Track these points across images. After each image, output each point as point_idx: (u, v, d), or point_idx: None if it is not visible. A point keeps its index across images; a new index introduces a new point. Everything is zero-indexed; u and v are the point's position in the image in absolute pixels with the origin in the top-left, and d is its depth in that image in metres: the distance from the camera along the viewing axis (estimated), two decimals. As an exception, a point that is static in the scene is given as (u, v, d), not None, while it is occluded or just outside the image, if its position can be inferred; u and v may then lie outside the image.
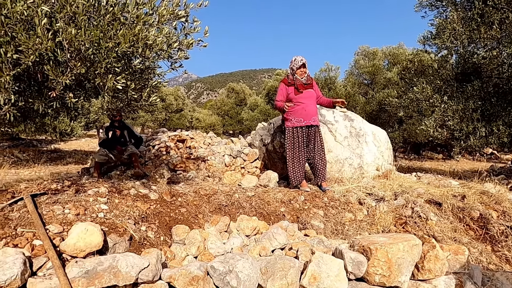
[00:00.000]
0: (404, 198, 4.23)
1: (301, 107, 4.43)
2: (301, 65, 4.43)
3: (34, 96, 2.64)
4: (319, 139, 4.52)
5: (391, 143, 13.90)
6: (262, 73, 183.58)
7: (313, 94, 4.53)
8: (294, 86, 4.44)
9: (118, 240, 2.68)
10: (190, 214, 3.56)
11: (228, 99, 30.94)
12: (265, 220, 3.71)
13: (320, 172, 4.51)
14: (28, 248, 2.35)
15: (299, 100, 4.42)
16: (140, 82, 2.93)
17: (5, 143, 15.52)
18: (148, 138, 6.58)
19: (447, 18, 6.28)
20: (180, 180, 4.73)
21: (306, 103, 4.43)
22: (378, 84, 14.55)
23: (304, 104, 4.43)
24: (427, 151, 18.03)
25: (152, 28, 2.61)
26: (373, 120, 13.92)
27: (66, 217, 2.77)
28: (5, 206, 2.94)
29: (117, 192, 3.46)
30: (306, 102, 4.44)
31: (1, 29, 2.09)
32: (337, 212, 3.95)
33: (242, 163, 5.67)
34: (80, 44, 2.21)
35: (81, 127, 12.06)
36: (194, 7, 3.14)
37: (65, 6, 2.24)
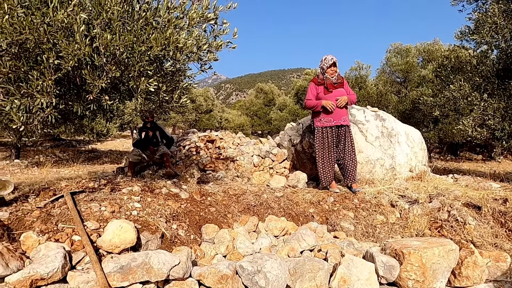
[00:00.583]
0: (439, 201, 4.05)
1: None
2: (332, 64, 4.36)
3: (73, 99, 2.79)
4: (349, 139, 4.43)
5: (426, 143, 13.33)
6: (291, 73, 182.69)
7: (344, 94, 4.45)
8: (324, 86, 4.39)
9: (151, 238, 2.77)
10: (219, 213, 3.61)
11: (256, 100, 31.04)
12: (293, 221, 3.69)
13: (350, 173, 4.42)
14: (68, 243, 2.49)
15: (328, 99, 4.37)
16: (171, 84, 3.01)
17: (48, 144, 16.50)
18: (179, 139, 6.74)
19: (487, 11, 5.94)
20: (209, 180, 4.81)
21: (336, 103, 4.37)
22: (412, 82, 14.03)
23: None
24: (465, 151, 17.17)
25: (182, 31, 2.68)
26: (406, 119, 13.44)
27: (103, 214, 2.90)
28: (47, 203, 3.13)
29: (150, 191, 3.57)
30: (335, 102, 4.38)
31: (44, 36, 2.22)
32: (368, 214, 3.86)
33: (270, 164, 5.67)
34: (115, 49, 2.31)
35: (116, 128, 12.58)
36: (223, 9, 3.19)
37: (101, 13, 2.34)
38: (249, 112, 30.64)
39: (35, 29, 2.21)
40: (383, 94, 13.92)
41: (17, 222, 2.83)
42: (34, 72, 2.26)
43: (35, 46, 2.30)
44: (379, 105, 13.99)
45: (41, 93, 2.25)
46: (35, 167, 10.40)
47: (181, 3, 2.78)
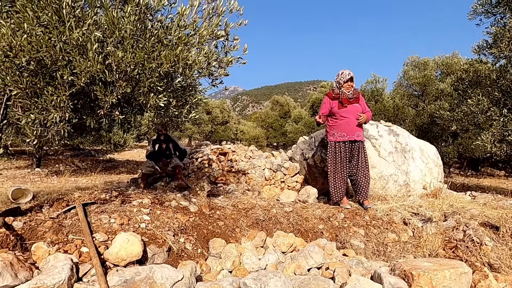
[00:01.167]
0: (455, 220, 3.92)
1: (344, 121, 4.32)
2: (349, 79, 4.33)
3: (87, 113, 2.88)
4: (363, 155, 4.36)
5: (445, 158, 12.91)
6: (307, 85, 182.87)
7: (359, 109, 4.39)
8: (339, 100, 4.36)
9: (157, 251, 2.79)
10: (227, 227, 3.61)
11: (272, 112, 31.14)
12: (302, 237, 3.65)
13: (362, 189, 4.35)
14: (76, 255, 2.54)
15: (342, 114, 4.33)
16: (182, 99, 3.07)
17: (68, 153, 16.99)
18: (192, 151, 6.82)
19: (505, 25, 5.83)
20: (220, 193, 4.82)
21: (350, 118, 4.32)
22: (430, 96, 13.79)
23: (348, 118, 4.31)
24: (487, 167, 16.62)
25: (193, 48, 2.75)
26: (424, 133, 13.16)
27: (111, 226, 2.94)
28: (60, 213, 3.21)
29: (159, 203, 3.62)
30: (350, 117, 4.32)
31: (60, 54, 2.32)
32: (379, 232, 3.77)
33: (282, 177, 5.64)
34: (126, 66, 2.39)
35: (133, 139, 12.84)
36: (234, 26, 3.25)
37: (114, 32, 2.43)
38: (264, 124, 30.73)
39: (51, 47, 2.32)
40: (400, 107, 13.72)
41: (30, 232, 2.91)
42: (50, 87, 2.36)
43: (51, 63, 2.40)
44: (395, 118, 13.79)
45: (55, 108, 2.34)
46: (55, 176, 10.69)
47: (192, 21, 2.86)
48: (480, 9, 6.27)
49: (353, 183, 4.47)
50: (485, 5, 6.21)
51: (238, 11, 3.19)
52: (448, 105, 8.61)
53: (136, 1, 2.54)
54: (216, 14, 3.08)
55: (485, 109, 6.22)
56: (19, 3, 2.37)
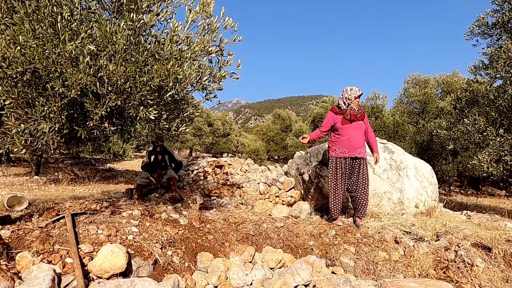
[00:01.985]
0: (447, 240, 3.89)
1: (346, 137, 4.30)
2: (359, 95, 4.36)
3: (79, 123, 2.92)
4: (364, 172, 4.33)
5: (445, 177, 12.80)
6: (310, 100, 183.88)
7: (362, 126, 4.38)
8: (343, 116, 4.34)
9: (142, 264, 2.78)
10: (217, 241, 3.59)
11: (274, 125, 31.24)
12: (292, 253, 3.62)
13: (361, 206, 4.31)
14: (60, 265, 2.53)
15: (345, 130, 4.31)
16: (174, 113, 3.11)
17: (68, 161, 17.03)
18: (188, 163, 6.83)
19: (501, 47, 5.89)
20: (213, 206, 4.81)
21: (352, 135, 4.29)
22: (430, 113, 13.83)
23: (350, 135, 4.29)
24: (487, 186, 16.49)
25: (185, 63, 2.80)
26: (424, 151, 13.13)
27: (98, 237, 2.94)
28: (49, 223, 3.21)
29: (149, 215, 3.61)
30: (352, 134, 4.30)
31: (52, 66, 2.37)
32: (369, 250, 3.73)
33: (277, 192, 5.64)
34: (117, 79, 2.43)
35: (133, 149, 12.89)
36: (228, 42, 3.32)
37: (107, 45, 2.49)
38: (265, 137, 30.79)
39: (45, 59, 2.37)
40: (400, 124, 13.74)
41: (17, 241, 2.91)
42: (41, 98, 2.40)
43: (45, 74, 2.45)
44: (395, 135, 13.79)
45: (45, 118, 2.37)
46: (53, 184, 10.70)
47: (185, 37, 2.92)
48: (477, 30, 6.36)
49: (352, 200, 4.44)
50: (482, 27, 6.29)
51: (232, 27, 3.26)
52: (446, 123, 8.62)
53: (131, 16, 2.60)
54: (211, 30, 3.15)
55: (482, 129, 6.23)
56: (17, 16, 2.44)
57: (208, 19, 3.10)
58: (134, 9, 2.71)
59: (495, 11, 6.08)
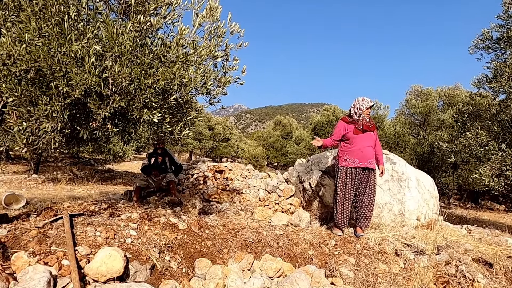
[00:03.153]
0: (448, 254, 3.85)
1: (358, 148, 4.26)
2: (371, 105, 4.35)
3: (81, 123, 2.89)
4: (372, 183, 4.29)
5: (444, 189, 12.75)
6: (311, 107, 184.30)
7: (372, 137, 4.35)
8: (355, 126, 4.32)
9: (140, 268, 2.73)
10: (215, 247, 3.55)
11: (274, 131, 31.25)
12: (291, 262, 3.58)
13: (365, 217, 4.26)
14: (56, 267, 2.48)
15: (357, 140, 4.27)
16: (177, 116, 3.09)
17: (67, 161, 16.99)
18: (188, 167, 6.80)
19: (505, 61, 5.90)
20: (212, 211, 4.77)
21: (364, 145, 4.26)
22: (431, 125, 13.83)
23: (361, 145, 4.25)
24: (487, 200, 16.44)
25: (190, 67, 2.78)
26: (424, 163, 13.11)
27: (96, 240, 2.90)
28: (46, 223, 3.17)
29: (148, 219, 3.57)
30: (364, 144, 4.26)
31: (57, 65, 2.36)
32: (369, 261, 3.69)
33: (276, 199, 5.59)
34: (122, 80, 2.41)
35: (133, 150, 12.86)
36: (234, 47, 3.31)
37: (113, 46, 2.47)
38: (266, 143, 30.78)
39: (50, 58, 2.35)
40: (401, 135, 13.74)
41: (14, 241, 2.87)
42: (44, 97, 2.38)
43: (49, 73, 2.43)
44: (396, 146, 13.78)
45: (47, 117, 2.35)
46: (51, 183, 10.65)
47: (192, 40, 2.91)
48: (481, 44, 6.37)
49: (357, 210, 4.39)
50: (486, 41, 6.31)
51: (239, 32, 3.25)
52: (447, 136, 8.61)
53: (138, 18, 2.59)
54: (217, 34, 3.14)
55: (484, 143, 6.21)
56: (24, 14, 2.43)
57: (215, 23, 3.09)
58: (142, 11, 2.71)
59: (499, 26, 6.10)
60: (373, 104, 4.35)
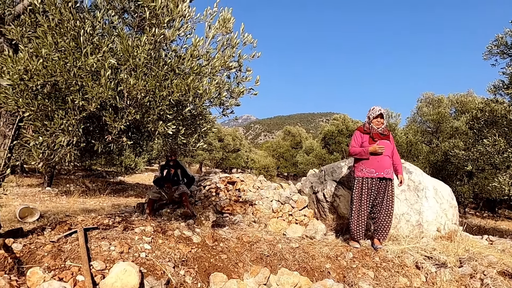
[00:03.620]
0: (471, 266, 3.70)
1: (374, 157, 4.20)
2: (378, 115, 4.27)
3: (96, 137, 2.89)
4: (390, 193, 4.19)
5: (460, 198, 12.46)
6: (320, 117, 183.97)
7: (389, 146, 4.28)
8: (370, 135, 4.28)
9: (155, 284, 2.68)
10: (230, 261, 3.47)
11: (284, 142, 31.17)
12: (308, 276, 3.47)
13: (383, 228, 4.15)
14: (72, 283, 2.45)
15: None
16: (191, 127, 3.07)
17: (80, 173, 17.17)
18: (200, 179, 6.77)
19: (522, 66, 5.78)
20: (225, 223, 4.71)
21: (380, 154, 4.21)
22: (444, 133, 13.59)
23: (377, 155, 4.20)
24: (504, 208, 15.99)
25: (204, 78, 2.77)
26: (438, 171, 12.83)
27: (111, 254, 2.86)
28: (61, 237, 3.15)
29: (162, 232, 3.53)
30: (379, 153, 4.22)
31: (73, 79, 2.36)
32: (389, 275, 3.56)
33: (290, 210, 5.50)
34: (137, 93, 2.41)
35: (144, 162, 12.93)
36: (247, 58, 3.30)
37: (128, 59, 2.48)
38: (275, 153, 30.69)
39: (66, 72, 2.36)
40: (413, 143, 13.53)
41: (29, 255, 2.85)
42: (60, 111, 2.39)
43: (65, 87, 2.44)
44: (408, 154, 13.56)
45: (63, 131, 2.35)
46: (64, 195, 10.74)
47: (206, 52, 2.90)
48: (496, 50, 6.26)
49: (374, 222, 4.29)
50: (501, 46, 6.20)
51: (251, 43, 3.24)
52: (463, 143, 8.42)
53: (153, 31, 2.60)
54: (230, 45, 3.13)
55: (502, 150, 6.05)
56: (41, 29, 2.45)
57: (228, 34, 3.09)
58: (156, 24, 2.71)
59: (514, 31, 6.00)
60: (381, 113, 4.27)
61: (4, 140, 2.76)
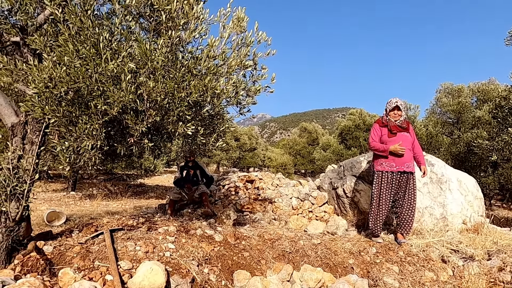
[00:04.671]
0: (500, 259, 3.60)
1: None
2: (395, 107, 4.19)
3: (118, 140, 2.96)
4: (412, 187, 4.12)
5: (485, 190, 12.11)
6: (336, 112, 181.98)
7: (409, 139, 4.20)
8: (388, 128, 4.21)
9: (180, 282, 2.73)
10: (252, 259, 3.50)
11: (300, 139, 31.02)
12: (331, 272, 3.46)
13: (406, 223, 4.09)
14: (101, 283, 2.52)
15: (392, 143, 4.15)
16: (210, 127, 3.10)
17: (101, 177, 17.60)
18: (219, 178, 6.83)
19: (547, 51, 5.56)
20: (246, 221, 4.74)
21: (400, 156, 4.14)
22: (466, 123, 13.21)
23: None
24: (533, 200, 15.40)
25: (221, 78, 2.79)
26: (461, 163, 12.48)
27: (136, 254, 2.93)
28: (88, 239, 3.25)
29: (185, 231, 3.59)
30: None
31: (95, 85, 2.43)
32: (415, 269, 3.51)
33: (310, 207, 5.48)
34: (156, 95, 2.45)
35: (163, 164, 13.12)
36: (262, 56, 3.30)
37: (147, 63, 2.53)
38: (292, 151, 30.57)
39: (88, 78, 2.43)
40: (434, 135, 13.20)
41: (59, 257, 2.95)
42: (84, 116, 2.46)
43: (87, 93, 2.52)
44: (429, 146, 13.24)
45: (88, 136, 2.42)
46: (88, 199, 11.05)
47: (221, 52, 2.93)
48: (518, 34, 6.04)
49: (397, 216, 4.23)
50: (524, 31, 5.98)
51: (266, 41, 3.24)
52: (486, 133, 8.16)
53: (169, 34, 2.64)
54: (245, 44, 3.14)
55: (529, 138, 5.84)
56: (62, 38, 2.53)
57: (243, 33, 3.10)
58: (171, 27, 2.76)
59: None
60: (397, 105, 4.17)
61: (32, 147, 2.87)
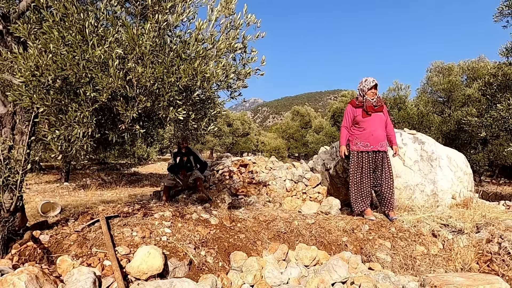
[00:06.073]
0: (488, 231, 3.71)
1: (368, 131, 4.21)
2: (373, 86, 4.22)
3: (109, 127, 2.95)
4: (387, 165, 4.23)
5: (475, 166, 12.37)
6: (328, 95, 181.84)
7: (382, 118, 4.28)
8: (363, 108, 4.25)
9: (178, 264, 2.78)
10: (248, 240, 3.56)
11: (293, 122, 31.05)
12: (325, 250, 3.55)
13: (387, 200, 4.21)
14: (99, 268, 2.56)
15: (366, 123, 4.22)
16: (201, 112, 3.10)
17: (95, 167, 17.51)
18: (213, 163, 6.85)
19: (534, 26, 5.59)
20: (241, 205, 4.79)
21: (374, 127, 4.20)
22: (456, 102, 13.34)
23: (371, 128, 4.20)
24: (521, 174, 15.77)
25: (211, 62, 2.77)
26: (452, 141, 12.67)
27: (133, 240, 2.97)
28: (84, 227, 3.27)
29: (180, 216, 3.63)
30: (374, 126, 4.20)
31: (83, 71, 2.40)
32: (406, 244, 3.61)
33: (303, 188, 5.56)
34: (146, 81, 2.43)
35: (156, 152, 13.09)
36: (251, 38, 3.28)
37: (135, 48, 2.49)
38: (285, 135, 30.64)
39: (75, 65, 2.40)
40: (425, 114, 13.32)
41: (56, 245, 2.97)
42: (73, 104, 2.44)
43: (75, 80, 2.48)
44: (420, 126, 13.38)
45: (78, 123, 2.41)
46: (82, 189, 11.02)
47: (210, 35, 2.89)
48: (507, 10, 6.05)
49: (377, 195, 4.35)
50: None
51: (255, 23, 3.21)
52: (476, 110, 8.26)
53: (156, 18, 2.60)
54: (234, 27, 3.11)
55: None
56: (46, 24, 2.48)
57: (231, 16, 3.06)
58: (158, 10, 2.71)
59: (526, -11, 5.78)
60: (375, 84, 4.21)
61: (22, 137, 2.84)
